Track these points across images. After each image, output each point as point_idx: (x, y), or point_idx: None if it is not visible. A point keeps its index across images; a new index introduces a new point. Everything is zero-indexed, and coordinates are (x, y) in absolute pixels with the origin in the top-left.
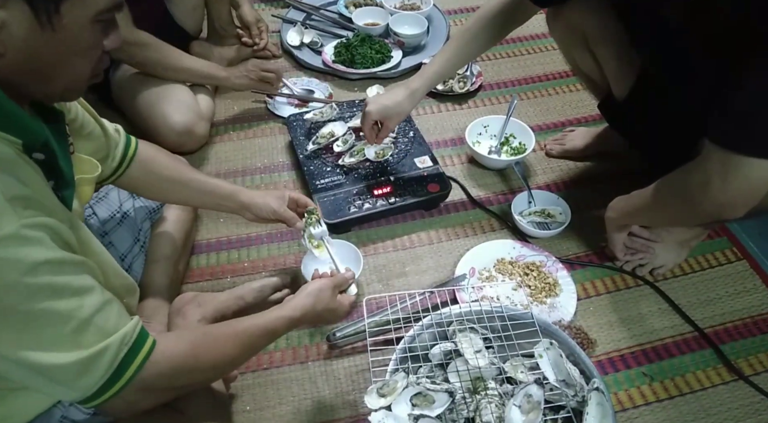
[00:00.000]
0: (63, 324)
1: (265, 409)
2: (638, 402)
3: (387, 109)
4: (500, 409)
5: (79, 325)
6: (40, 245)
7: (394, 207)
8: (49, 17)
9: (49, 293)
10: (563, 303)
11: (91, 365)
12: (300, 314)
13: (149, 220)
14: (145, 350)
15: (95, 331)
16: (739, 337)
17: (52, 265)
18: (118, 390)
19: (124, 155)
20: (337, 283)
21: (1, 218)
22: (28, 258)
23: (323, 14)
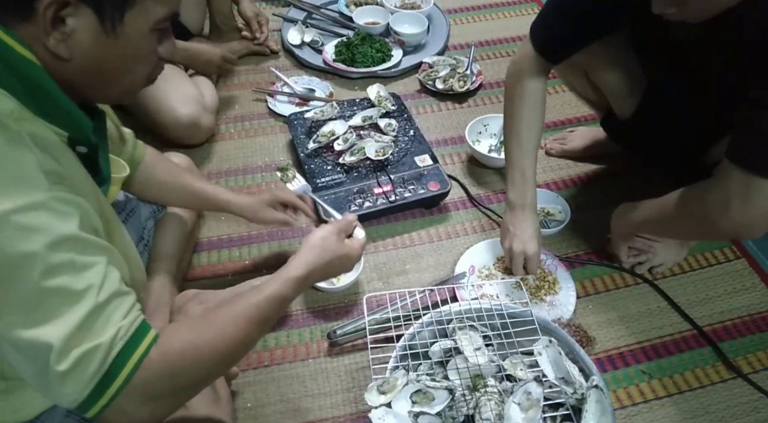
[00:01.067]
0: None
1: (266, 405)
2: (637, 400)
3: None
4: (500, 406)
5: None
6: (67, 219)
7: (395, 205)
8: (113, 26)
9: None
10: (562, 301)
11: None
12: (306, 271)
13: (153, 219)
14: (143, 347)
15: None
16: (738, 336)
17: (76, 243)
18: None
19: (132, 160)
20: (341, 227)
21: (32, 186)
22: (53, 230)
23: (324, 13)
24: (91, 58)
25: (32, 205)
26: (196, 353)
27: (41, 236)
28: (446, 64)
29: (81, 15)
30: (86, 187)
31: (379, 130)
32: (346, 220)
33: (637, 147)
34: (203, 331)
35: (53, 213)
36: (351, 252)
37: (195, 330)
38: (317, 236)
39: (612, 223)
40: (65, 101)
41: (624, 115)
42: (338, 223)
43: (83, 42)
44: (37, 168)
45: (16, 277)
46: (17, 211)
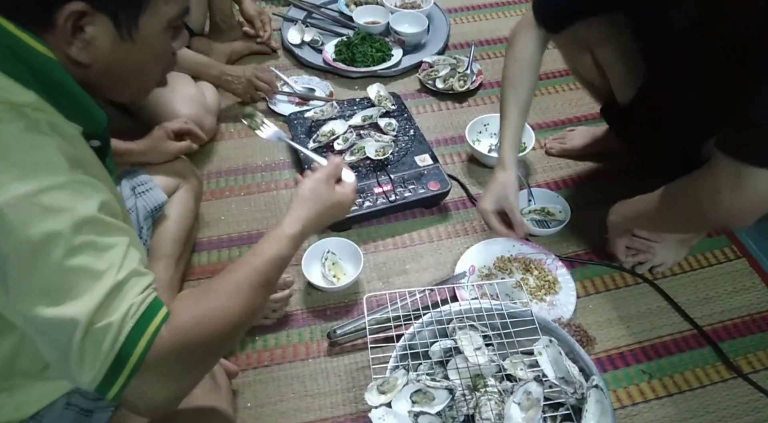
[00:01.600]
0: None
1: (265, 405)
2: (637, 399)
3: (497, 193)
4: (500, 406)
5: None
6: (89, 201)
7: (395, 205)
8: (129, 30)
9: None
10: (563, 301)
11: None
12: (301, 227)
13: (151, 218)
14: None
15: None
16: (738, 335)
17: (97, 224)
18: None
19: None
20: (329, 173)
21: (54, 169)
22: (76, 210)
23: (324, 12)
24: (110, 61)
25: (55, 187)
26: (206, 326)
27: (64, 217)
28: (446, 63)
29: (98, 23)
30: (103, 175)
31: (379, 130)
32: (333, 165)
33: (634, 137)
34: (209, 303)
35: (75, 194)
36: (343, 198)
37: (201, 303)
38: (307, 188)
39: (608, 220)
40: (82, 96)
41: (624, 99)
42: (326, 169)
43: (102, 47)
44: (58, 151)
45: (40, 256)
46: (41, 192)
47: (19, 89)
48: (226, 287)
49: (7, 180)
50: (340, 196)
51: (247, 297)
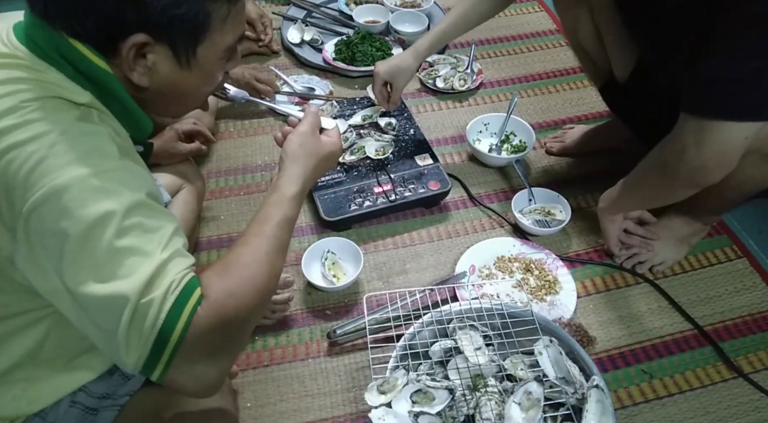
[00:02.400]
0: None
1: (265, 405)
2: (638, 399)
3: (393, 67)
4: (500, 406)
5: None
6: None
7: (395, 205)
8: (187, 59)
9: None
10: (563, 300)
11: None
12: (301, 185)
13: None
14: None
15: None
16: (739, 335)
17: (145, 207)
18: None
19: None
20: (311, 124)
21: (106, 155)
22: (126, 193)
23: (324, 12)
24: (168, 85)
25: (108, 170)
26: (236, 300)
27: (117, 198)
28: (447, 62)
29: (159, 52)
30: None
31: (380, 129)
32: (312, 114)
33: (633, 117)
34: (234, 277)
35: (127, 178)
36: (332, 147)
37: (226, 279)
38: (295, 144)
39: (597, 209)
40: (133, 105)
41: (622, 75)
42: (306, 120)
43: (162, 73)
44: (109, 139)
45: (92, 236)
46: (96, 175)
47: (77, 90)
48: (245, 259)
49: (64, 163)
50: (329, 145)
51: (267, 264)
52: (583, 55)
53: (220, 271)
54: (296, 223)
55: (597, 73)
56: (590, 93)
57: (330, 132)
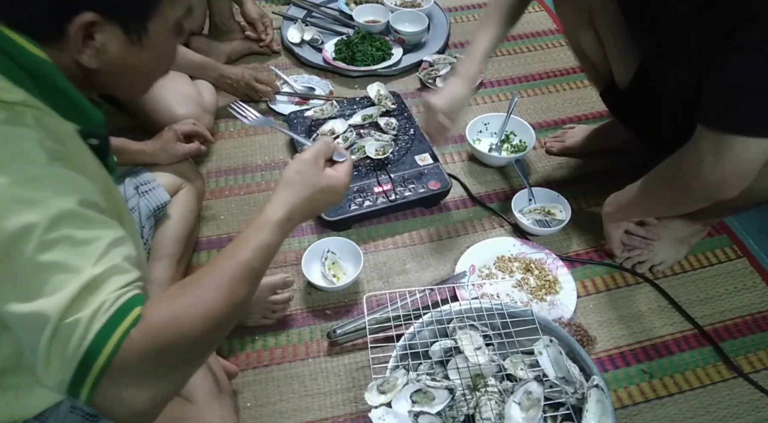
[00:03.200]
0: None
1: (265, 405)
2: (638, 399)
3: (455, 99)
4: (500, 406)
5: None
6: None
7: (395, 204)
8: (138, 36)
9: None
10: (563, 300)
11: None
12: (287, 212)
13: (153, 218)
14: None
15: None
16: (739, 335)
17: (75, 218)
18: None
19: None
20: (316, 152)
21: (30, 161)
22: (51, 203)
23: (324, 11)
24: (119, 64)
25: (31, 178)
26: (179, 325)
27: (39, 209)
28: (447, 62)
29: (108, 31)
30: (97, 173)
31: (380, 129)
32: (322, 143)
33: (634, 121)
34: (184, 300)
35: (53, 187)
36: (335, 182)
37: (175, 300)
38: (293, 170)
39: (602, 213)
40: (78, 97)
41: (623, 81)
42: (313, 148)
43: (112, 53)
44: (36, 144)
45: (13, 250)
46: (16, 184)
47: (8, 86)
48: (205, 281)
49: None
50: (332, 179)
51: (226, 291)
52: (584, 59)
53: (175, 293)
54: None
55: (598, 77)
56: (590, 93)
57: (339, 166)
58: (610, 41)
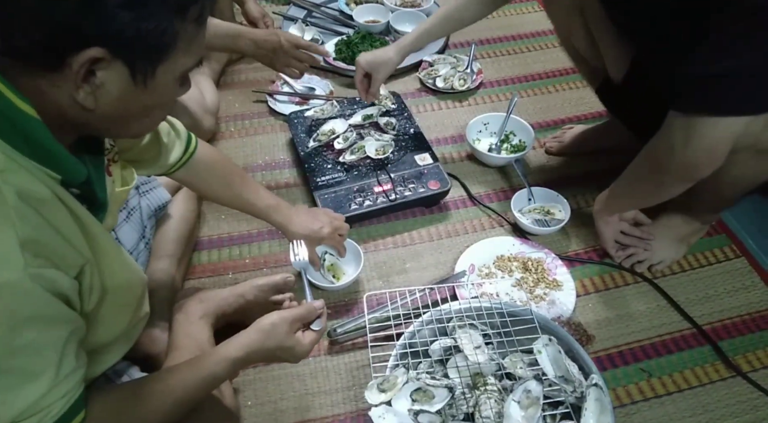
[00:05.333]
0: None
1: (266, 404)
2: (636, 398)
3: (375, 58)
4: (499, 404)
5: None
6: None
7: (395, 204)
8: (144, 79)
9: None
10: (562, 299)
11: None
12: (244, 354)
13: (154, 217)
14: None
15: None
16: (738, 334)
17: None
18: None
19: (180, 157)
20: (297, 316)
21: (8, 262)
22: (18, 311)
23: (324, 11)
24: (115, 106)
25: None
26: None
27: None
28: (446, 62)
29: (113, 69)
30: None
31: (380, 129)
32: (307, 309)
33: (630, 117)
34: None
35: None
36: (297, 347)
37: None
38: (268, 321)
39: (593, 212)
40: (61, 154)
41: (617, 75)
42: (296, 311)
43: (111, 93)
44: (14, 244)
45: None
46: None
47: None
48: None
49: None
50: (294, 343)
51: (166, 411)
52: (577, 57)
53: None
54: None
55: (592, 74)
56: (590, 93)
57: (307, 334)
58: (602, 38)
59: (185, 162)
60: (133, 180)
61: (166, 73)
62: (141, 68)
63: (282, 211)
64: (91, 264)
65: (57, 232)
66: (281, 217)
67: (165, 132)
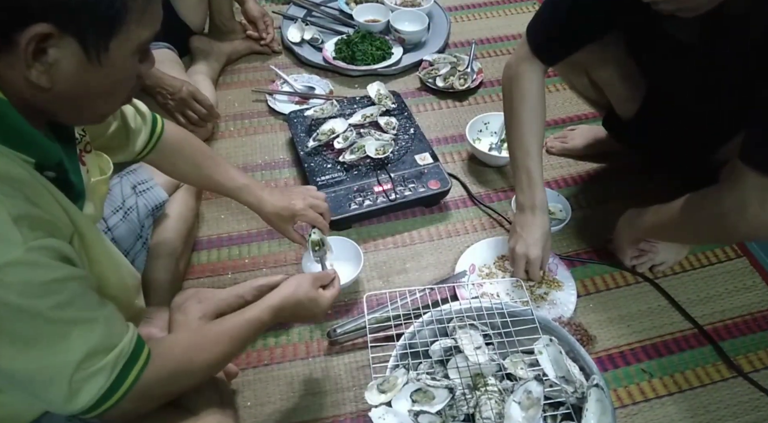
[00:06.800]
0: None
1: (266, 404)
2: (638, 398)
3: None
4: (500, 405)
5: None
6: (45, 267)
7: (395, 204)
8: (97, 54)
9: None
10: (563, 300)
11: (86, 383)
12: (280, 302)
13: (152, 217)
14: (141, 362)
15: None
16: (739, 334)
17: (58, 284)
18: (115, 402)
19: (147, 140)
20: (317, 276)
21: (8, 242)
22: (34, 281)
23: (324, 11)
24: (72, 85)
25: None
26: (187, 370)
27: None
28: (447, 61)
29: (64, 45)
30: (59, 216)
31: (380, 129)
32: (325, 273)
33: (639, 147)
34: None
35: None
36: (319, 299)
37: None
38: (293, 279)
39: (620, 229)
40: (32, 133)
41: (626, 115)
42: (316, 273)
43: (65, 71)
44: (8, 222)
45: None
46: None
47: None
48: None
49: None
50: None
51: (225, 347)
52: (582, 96)
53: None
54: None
55: (598, 108)
56: None
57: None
58: (610, 88)
59: (154, 145)
60: (109, 170)
61: (121, 47)
62: (93, 43)
63: (253, 191)
64: (76, 236)
65: (41, 209)
66: (252, 197)
67: (131, 116)
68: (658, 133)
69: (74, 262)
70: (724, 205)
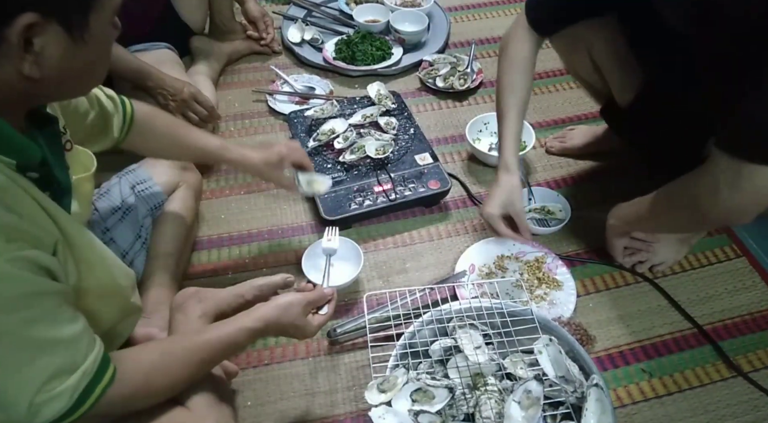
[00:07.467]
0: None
1: (266, 404)
2: (637, 398)
3: (504, 200)
4: (500, 404)
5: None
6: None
7: (395, 204)
8: (81, 32)
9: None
10: (563, 299)
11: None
12: (263, 325)
13: (151, 216)
14: (105, 381)
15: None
16: (738, 334)
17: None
18: (76, 418)
19: (122, 123)
20: (311, 299)
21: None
22: (4, 294)
23: (324, 11)
24: (60, 69)
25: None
26: (149, 391)
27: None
28: (446, 62)
29: (48, 32)
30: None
31: (380, 129)
32: (319, 295)
33: (635, 138)
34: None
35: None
36: (306, 327)
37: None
38: (286, 300)
39: (608, 225)
40: (10, 135)
41: (624, 101)
42: (311, 295)
43: (52, 56)
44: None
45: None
46: None
47: None
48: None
49: None
50: (305, 323)
51: (192, 369)
52: (581, 80)
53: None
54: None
55: (597, 95)
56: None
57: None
58: (608, 71)
59: (129, 125)
60: (93, 165)
61: (99, 19)
62: (76, 22)
63: (235, 149)
64: (61, 242)
65: (21, 217)
66: (236, 154)
67: (104, 100)
68: (655, 124)
69: (54, 274)
70: (698, 190)
